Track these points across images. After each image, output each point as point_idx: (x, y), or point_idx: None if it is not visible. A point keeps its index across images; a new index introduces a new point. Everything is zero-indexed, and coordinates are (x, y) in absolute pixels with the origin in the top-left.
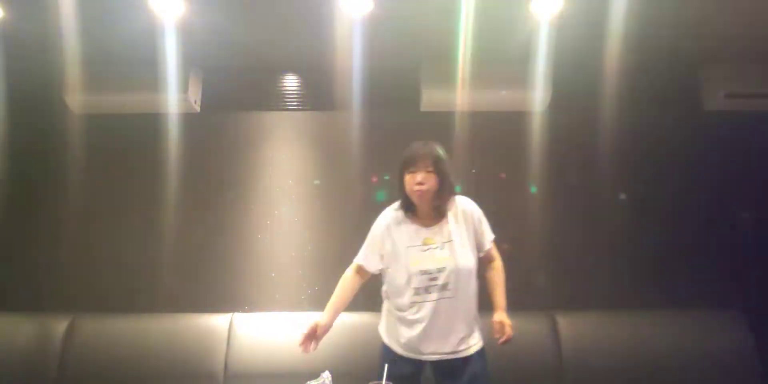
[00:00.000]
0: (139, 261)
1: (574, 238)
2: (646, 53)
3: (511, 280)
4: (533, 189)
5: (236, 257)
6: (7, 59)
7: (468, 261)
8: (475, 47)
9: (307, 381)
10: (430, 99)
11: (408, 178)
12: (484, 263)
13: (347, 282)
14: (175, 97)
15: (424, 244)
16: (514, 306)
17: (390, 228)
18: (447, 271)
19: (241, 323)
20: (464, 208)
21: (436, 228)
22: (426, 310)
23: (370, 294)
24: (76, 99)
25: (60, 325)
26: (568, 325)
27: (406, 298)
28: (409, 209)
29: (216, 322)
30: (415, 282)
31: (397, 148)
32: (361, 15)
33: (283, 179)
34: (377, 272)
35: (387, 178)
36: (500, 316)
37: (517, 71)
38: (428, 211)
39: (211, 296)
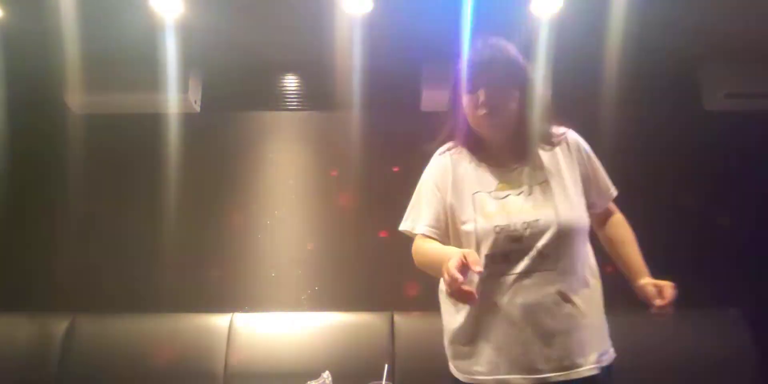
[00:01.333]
0: (139, 261)
1: None
2: (646, 53)
3: None
4: None
5: (236, 257)
6: (7, 59)
7: (576, 214)
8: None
9: (307, 381)
10: (430, 99)
11: (468, 102)
12: (599, 223)
13: (426, 245)
14: (175, 97)
15: (500, 189)
16: None
17: (446, 172)
18: (542, 226)
19: (241, 323)
20: (571, 140)
21: (521, 168)
22: (509, 292)
23: (370, 293)
24: (76, 99)
25: (60, 325)
26: None
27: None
28: (477, 147)
29: (216, 322)
30: (487, 246)
31: (397, 148)
32: (361, 15)
33: (283, 179)
34: (431, 235)
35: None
36: (648, 279)
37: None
38: (507, 147)
39: (211, 296)
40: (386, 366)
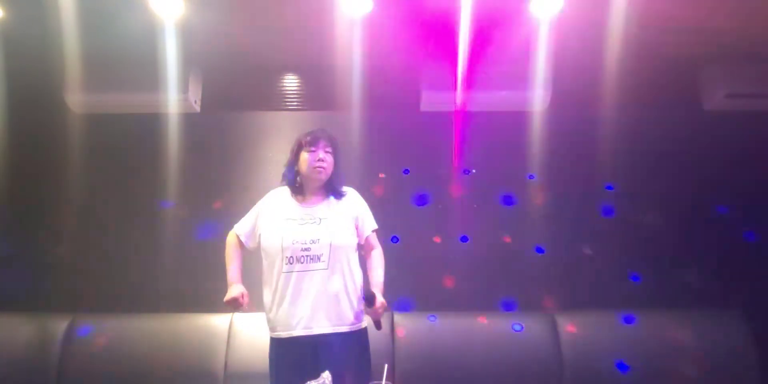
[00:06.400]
0: (139, 261)
1: (573, 237)
2: (645, 53)
3: (511, 279)
4: (533, 188)
5: None
6: (7, 59)
7: (342, 238)
8: (475, 47)
9: (307, 381)
10: (430, 99)
11: (308, 156)
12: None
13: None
14: (175, 97)
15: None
16: (514, 306)
17: (272, 203)
18: (320, 243)
19: (241, 323)
20: (351, 196)
21: (318, 206)
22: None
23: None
24: (76, 98)
25: (60, 325)
26: (568, 325)
27: (276, 269)
28: (296, 188)
29: (216, 322)
30: (288, 252)
31: (397, 148)
32: (361, 15)
33: None
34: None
35: (383, 176)
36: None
37: (517, 71)
38: (316, 190)
39: (211, 296)
40: (386, 366)
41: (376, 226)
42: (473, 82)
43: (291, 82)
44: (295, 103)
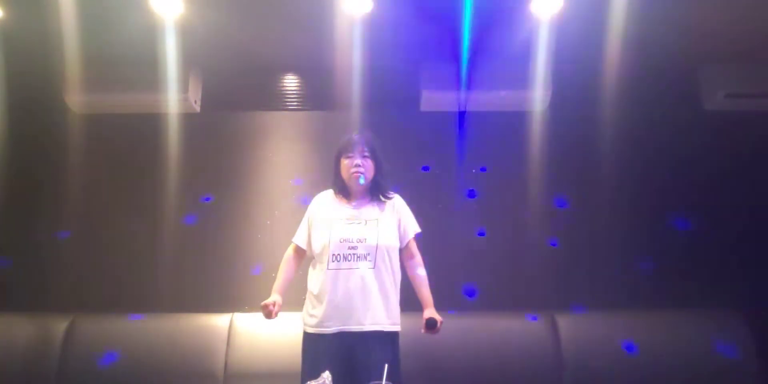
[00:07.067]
0: (139, 261)
1: (573, 237)
2: (646, 53)
3: (512, 280)
4: (533, 188)
5: (236, 257)
6: (7, 59)
7: (387, 239)
8: (475, 47)
9: (307, 381)
10: (430, 99)
11: (347, 162)
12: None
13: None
14: (175, 97)
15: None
16: (514, 306)
17: (319, 205)
18: (367, 243)
19: (241, 323)
20: (396, 200)
21: (363, 208)
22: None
23: None
24: (76, 99)
25: (60, 325)
26: (568, 325)
27: (322, 267)
28: (343, 192)
29: (216, 322)
30: (335, 250)
31: (397, 148)
32: (361, 15)
33: (283, 179)
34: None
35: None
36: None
37: (517, 71)
38: (361, 193)
39: (211, 296)
40: (386, 366)
41: (419, 230)
42: (473, 82)
43: (291, 82)
44: (295, 103)
